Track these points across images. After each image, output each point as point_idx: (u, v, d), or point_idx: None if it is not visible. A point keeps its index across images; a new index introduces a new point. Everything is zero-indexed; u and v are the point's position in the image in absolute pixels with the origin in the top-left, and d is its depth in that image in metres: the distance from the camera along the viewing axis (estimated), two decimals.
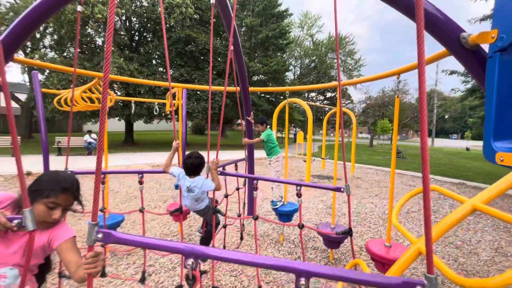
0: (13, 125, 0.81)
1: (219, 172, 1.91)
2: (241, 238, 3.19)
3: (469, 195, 6.46)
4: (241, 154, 3.23)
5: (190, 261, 0.82)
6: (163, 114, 15.76)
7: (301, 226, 1.92)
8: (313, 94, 36.88)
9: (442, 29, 1.53)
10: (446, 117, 54.77)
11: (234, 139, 27.42)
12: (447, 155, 19.46)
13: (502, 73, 1.30)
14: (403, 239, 3.84)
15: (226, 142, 24.27)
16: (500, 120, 1.31)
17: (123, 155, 12.40)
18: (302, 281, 0.80)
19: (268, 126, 3.94)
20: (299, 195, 1.84)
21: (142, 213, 2.25)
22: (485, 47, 1.46)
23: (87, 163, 9.10)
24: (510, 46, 1.25)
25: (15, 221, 0.91)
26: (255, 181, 1.96)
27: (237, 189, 3.07)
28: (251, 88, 3.56)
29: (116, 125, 21.82)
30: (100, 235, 0.82)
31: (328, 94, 36.57)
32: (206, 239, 2.55)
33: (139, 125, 21.60)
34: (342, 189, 1.82)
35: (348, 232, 1.95)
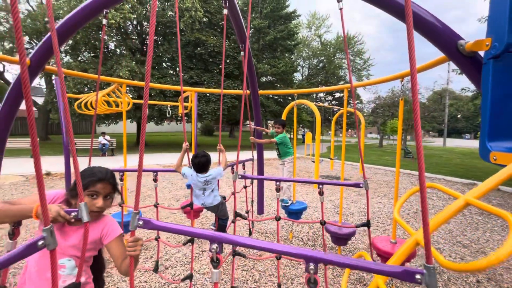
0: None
1: (240, 176, 2.09)
2: (250, 234, 3.35)
3: None
4: (249, 154, 3.39)
5: (214, 246, 0.97)
6: (174, 116, 16.13)
7: (323, 223, 2.05)
8: (321, 95, 36.73)
9: (441, 36, 1.64)
10: (459, 116, 53.42)
11: (243, 139, 27.64)
12: (459, 155, 19.08)
13: (495, 78, 1.40)
14: (408, 236, 3.89)
15: (235, 142, 24.50)
16: (494, 122, 1.40)
17: (135, 156, 12.75)
18: (311, 266, 0.94)
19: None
20: (321, 193, 1.98)
21: (156, 208, 2.45)
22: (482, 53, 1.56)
23: (101, 164, 9.45)
24: (503, 54, 1.35)
25: (72, 214, 1.02)
26: (277, 182, 2.09)
27: (245, 187, 3.22)
28: (260, 91, 3.71)
29: (128, 126, 22.41)
30: (140, 222, 0.98)
31: (337, 95, 36.33)
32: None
33: (150, 127, 22.12)
34: (361, 185, 1.94)
35: (367, 224, 2.08)
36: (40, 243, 0.80)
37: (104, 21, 2.17)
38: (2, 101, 2.28)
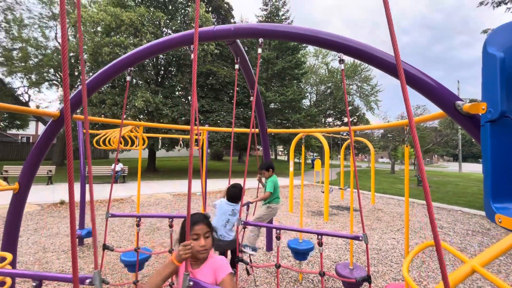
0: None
1: (242, 222, 2.12)
2: (248, 274, 3.32)
3: (500, 231, 6.09)
4: (256, 181, 3.47)
5: None
6: (179, 144, 16.52)
7: (322, 274, 2.03)
8: (330, 120, 37.02)
9: (439, 97, 1.73)
10: (474, 140, 52.19)
11: (251, 165, 27.72)
12: (477, 183, 18.34)
13: (494, 141, 1.45)
14: (426, 281, 3.72)
15: (243, 168, 24.50)
16: (497, 183, 1.43)
17: (146, 183, 12.96)
18: None
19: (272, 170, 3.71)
20: (320, 244, 1.97)
21: (171, 253, 2.48)
22: None
23: (113, 191, 9.63)
24: (499, 119, 1.42)
25: (87, 281, 1.13)
26: (278, 231, 2.12)
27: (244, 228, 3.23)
28: (269, 130, 3.85)
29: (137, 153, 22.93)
30: (191, 283, 1.12)
31: (345, 119, 36.50)
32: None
33: (160, 152, 22.61)
34: (360, 238, 1.92)
35: (367, 279, 2.03)
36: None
37: (128, 78, 2.39)
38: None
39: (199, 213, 1.50)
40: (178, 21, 18.14)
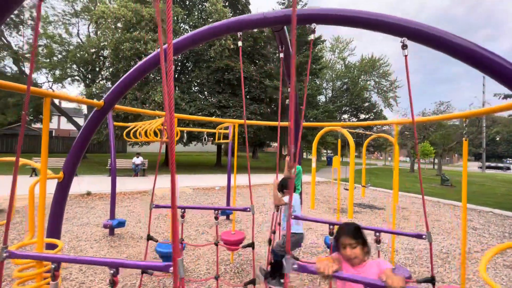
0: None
1: (293, 216, 2.08)
2: None
3: None
4: (272, 176, 3.32)
5: None
6: (203, 138, 16.66)
7: None
8: (345, 116, 36.28)
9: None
10: (498, 139, 49.79)
11: (266, 161, 27.68)
12: (504, 183, 17.50)
13: None
14: (481, 283, 3.53)
15: (258, 164, 24.53)
16: None
17: (165, 177, 13.15)
18: None
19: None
20: (378, 241, 1.87)
21: (216, 246, 2.50)
22: None
23: (134, 184, 9.84)
24: None
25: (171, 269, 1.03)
26: (331, 226, 2.04)
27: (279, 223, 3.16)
28: (305, 124, 3.75)
29: (156, 146, 23.41)
30: (295, 266, 1.07)
31: (362, 116, 35.67)
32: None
33: (177, 146, 22.95)
34: (424, 236, 1.81)
35: (431, 281, 1.91)
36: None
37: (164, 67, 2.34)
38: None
39: (350, 224, 1.56)
40: (196, 17, 18.18)
